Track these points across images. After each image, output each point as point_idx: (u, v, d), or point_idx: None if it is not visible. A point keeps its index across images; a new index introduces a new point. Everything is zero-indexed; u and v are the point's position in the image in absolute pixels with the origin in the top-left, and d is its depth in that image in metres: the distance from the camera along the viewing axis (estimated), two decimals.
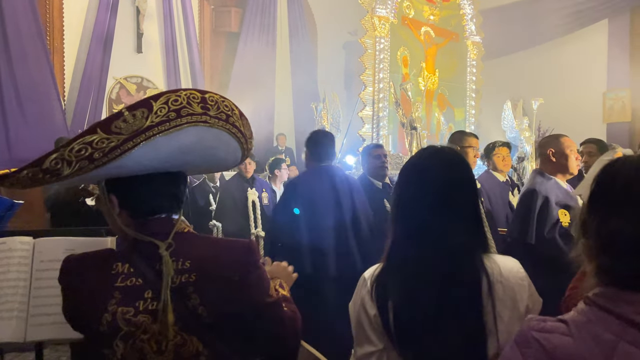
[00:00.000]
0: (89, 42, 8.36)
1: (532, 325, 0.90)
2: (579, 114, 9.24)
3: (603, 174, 0.90)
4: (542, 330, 0.88)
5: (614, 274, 0.85)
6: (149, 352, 1.18)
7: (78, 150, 1.09)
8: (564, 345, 0.84)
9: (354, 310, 1.40)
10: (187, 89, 1.17)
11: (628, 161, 0.89)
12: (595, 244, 0.88)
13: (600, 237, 0.87)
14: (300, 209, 3.31)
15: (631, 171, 0.87)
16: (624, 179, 0.86)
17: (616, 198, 0.86)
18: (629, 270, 0.83)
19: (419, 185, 1.36)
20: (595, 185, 0.90)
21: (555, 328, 0.87)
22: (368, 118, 6.94)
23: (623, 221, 0.83)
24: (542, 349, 0.86)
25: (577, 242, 0.93)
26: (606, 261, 0.86)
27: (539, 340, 0.87)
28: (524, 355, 0.88)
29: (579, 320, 0.86)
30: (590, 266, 0.90)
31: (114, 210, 1.26)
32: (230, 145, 1.27)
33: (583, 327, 0.85)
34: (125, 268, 1.22)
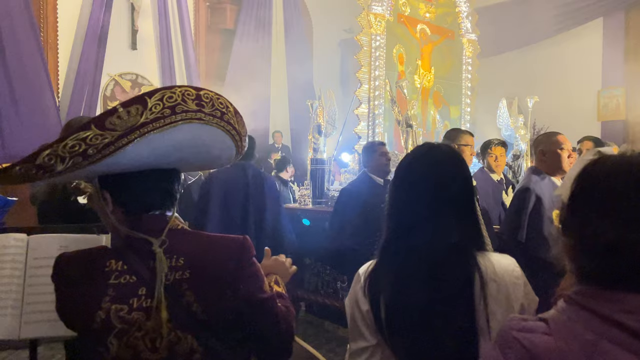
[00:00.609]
0: (83, 38, 8.31)
1: (512, 325, 0.90)
2: (573, 112, 9.27)
3: (583, 174, 0.90)
4: (522, 330, 0.88)
5: (595, 273, 0.85)
6: (143, 349, 1.18)
7: (72, 146, 1.08)
8: (544, 344, 0.84)
9: (349, 306, 1.40)
10: (182, 86, 1.17)
11: (609, 161, 0.89)
12: (576, 244, 0.88)
13: (580, 237, 0.87)
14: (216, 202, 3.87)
15: (611, 172, 0.86)
16: (604, 180, 0.86)
17: (596, 199, 0.86)
18: (609, 271, 0.83)
19: (415, 182, 1.36)
20: (575, 185, 0.90)
21: (536, 327, 0.87)
22: (364, 115, 6.93)
23: (603, 222, 0.83)
24: (523, 349, 0.86)
25: (558, 241, 0.93)
26: (587, 262, 0.86)
27: (519, 340, 0.87)
28: (505, 355, 0.88)
29: (560, 319, 0.87)
30: (571, 265, 0.90)
31: (107, 207, 1.25)
32: (224, 142, 1.27)
33: (564, 326, 0.85)
34: (118, 265, 1.22)
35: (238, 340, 1.29)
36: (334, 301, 4.89)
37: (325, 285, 5.05)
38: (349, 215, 3.78)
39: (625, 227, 0.81)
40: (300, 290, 5.27)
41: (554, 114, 8.52)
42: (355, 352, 1.37)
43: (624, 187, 0.84)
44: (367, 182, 3.96)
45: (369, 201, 3.73)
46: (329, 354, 4.20)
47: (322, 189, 5.47)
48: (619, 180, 0.84)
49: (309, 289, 5.22)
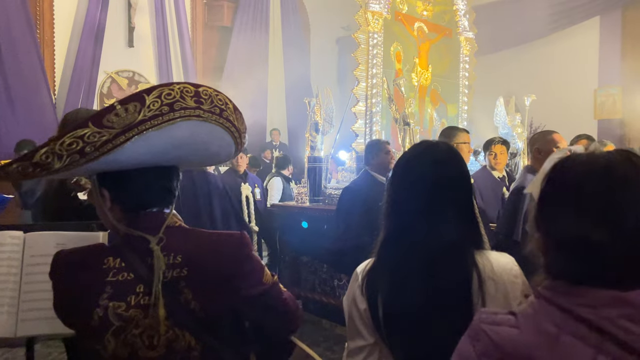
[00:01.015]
0: (80, 35, 8.29)
1: (482, 319, 0.93)
2: (570, 111, 9.29)
3: (552, 172, 0.92)
4: (491, 323, 0.91)
5: (562, 269, 0.88)
6: (141, 347, 1.18)
7: (69, 144, 1.08)
8: (510, 336, 0.87)
9: (347, 305, 1.40)
10: (180, 83, 1.16)
11: (576, 160, 0.90)
12: (546, 241, 0.90)
13: (549, 234, 0.90)
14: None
15: (579, 170, 0.88)
16: (572, 178, 0.88)
17: (565, 197, 0.88)
18: (574, 267, 0.85)
19: (413, 180, 1.36)
20: (545, 183, 0.92)
21: (504, 321, 0.90)
22: (361, 113, 6.93)
23: (571, 220, 0.85)
24: (490, 341, 0.89)
25: (531, 237, 0.95)
26: (555, 257, 0.89)
27: (487, 333, 0.90)
28: (474, 347, 0.91)
29: (527, 312, 0.89)
30: (543, 261, 0.92)
31: (105, 205, 1.25)
32: (223, 139, 1.26)
33: (529, 319, 0.88)
34: (116, 263, 1.21)
35: (237, 338, 1.29)
36: (331, 299, 4.90)
37: (322, 283, 5.06)
38: (353, 215, 3.77)
39: (588, 225, 0.83)
40: (297, 288, 5.27)
41: (551, 112, 8.53)
42: (353, 351, 1.37)
43: (589, 185, 0.86)
44: (369, 180, 3.96)
45: (373, 200, 3.72)
46: (326, 352, 4.20)
47: (319, 187, 5.47)
48: (585, 178, 0.87)
49: (306, 287, 5.22)
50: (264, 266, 1.33)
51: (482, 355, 0.89)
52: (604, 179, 0.85)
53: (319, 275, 5.08)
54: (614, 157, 0.88)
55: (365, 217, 3.64)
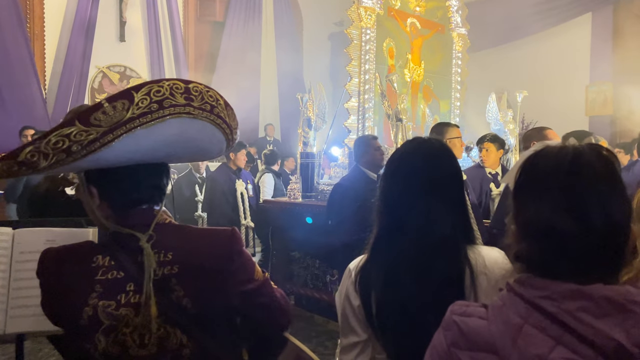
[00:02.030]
0: (71, 29, 8.22)
1: (454, 310, 0.97)
2: (562, 107, 9.32)
3: (525, 164, 0.94)
4: (462, 314, 0.94)
5: (528, 259, 0.90)
6: (132, 345, 1.17)
7: (55, 142, 1.06)
8: (478, 327, 0.90)
9: (339, 301, 1.40)
10: (170, 79, 1.15)
11: (548, 151, 0.93)
12: (517, 231, 0.93)
13: (518, 224, 0.92)
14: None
15: (548, 162, 0.90)
16: (541, 170, 0.91)
17: (534, 187, 0.91)
18: (541, 256, 0.88)
19: (405, 176, 1.36)
20: (518, 174, 0.95)
21: (474, 312, 0.94)
22: (354, 109, 6.92)
23: (538, 210, 0.88)
24: (459, 331, 0.92)
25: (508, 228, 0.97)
26: (523, 247, 0.91)
27: (457, 323, 0.93)
28: (445, 337, 0.95)
29: (497, 304, 0.92)
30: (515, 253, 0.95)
31: (93, 202, 1.23)
32: (214, 136, 1.25)
33: (498, 311, 0.90)
34: (105, 261, 1.20)
35: (229, 335, 1.29)
36: (323, 295, 4.90)
37: (314, 278, 5.06)
38: (345, 211, 3.77)
39: (554, 216, 0.86)
40: (290, 283, 5.27)
41: (543, 109, 8.58)
42: (347, 347, 1.37)
43: (556, 177, 0.88)
44: (360, 176, 3.95)
45: (364, 196, 3.73)
46: (318, 347, 4.21)
47: (311, 183, 5.46)
48: (552, 170, 0.89)
49: (298, 282, 5.22)
50: (255, 263, 1.32)
51: (451, 345, 0.92)
52: (571, 171, 0.87)
53: (311, 271, 5.09)
54: (583, 150, 0.90)
55: (356, 213, 3.65)
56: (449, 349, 0.93)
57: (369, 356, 1.36)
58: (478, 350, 0.89)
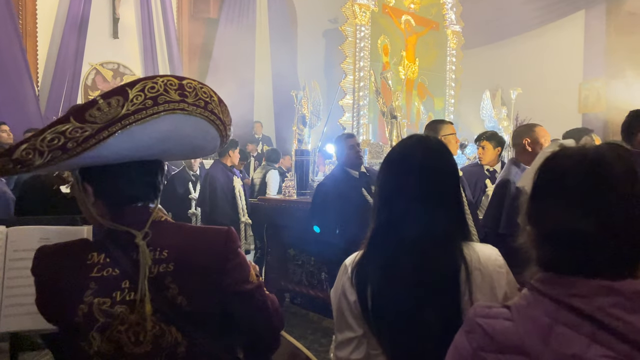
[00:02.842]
0: (63, 26, 8.17)
1: (477, 312, 0.95)
2: (555, 104, 9.37)
3: (544, 166, 0.94)
4: (486, 316, 0.93)
5: (553, 260, 0.89)
6: (127, 343, 1.16)
7: (50, 139, 1.06)
8: (504, 329, 0.89)
9: (335, 297, 1.41)
10: (164, 76, 1.15)
11: (568, 153, 0.92)
12: (537, 234, 0.92)
13: (541, 227, 0.91)
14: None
15: (568, 163, 0.90)
16: (562, 172, 0.90)
17: (556, 189, 0.90)
18: (565, 258, 0.87)
19: (403, 173, 1.36)
20: (536, 176, 0.94)
21: (498, 314, 0.92)
22: (348, 107, 6.93)
23: (560, 212, 0.87)
24: (484, 334, 0.90)
25: (523, 230, 0.97)
26: (546, 249, 0.90)
27: (482, 326, 0.91)
28: (469, 340, 0.92)
29: (520, 305, 0.91)
30: (534, 253, 0.94)
31: (88, 200, 1.23)
32: (208, 132, 1.25)
33: (523, 312, 0.89)
34: (101, 258, 1.19)
35: (224, 332, 1.29)
36: (318, 292, 4.91)
37: (309, 276, 5.06)
38: (327, 210, 3.79)
39: (577, 216, 0.85)
40: (285, 281, 5.27)
41: (537, 106, 8.61)
42: (342, 343, 1.38)
43: (577, 177, 0.87)
44: (341, 175, 3.95)
45: (347, 194, 3.74)
46: (313, 344, 4.22)
47: (306, 180, 5.47)
48: (573, 171, 0.88)
49: (293, 280, 5.22)
50: (249, 266, 1.32)
51: (478, 349, 0.90)
52: (592, 171, 0.87)
53: (306, 268, 5.09)
54: (602, 150, 0.89)
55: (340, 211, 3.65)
56: (475, 353, 0.91)
57: (364, 352, 1.36)
58: (507, 353, 0.87)
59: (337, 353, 1.39)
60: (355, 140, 4.06)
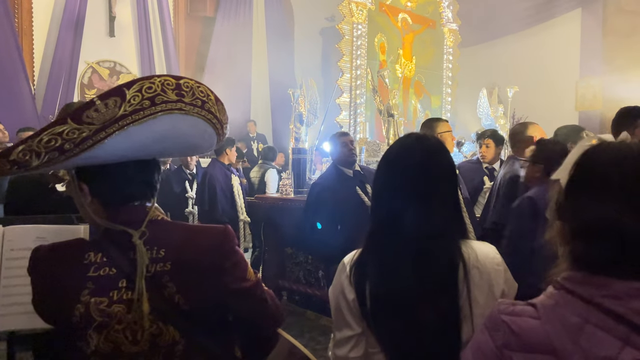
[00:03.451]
0: (59, 24, 8.14)
1: (501, 309, 0.92)
2: (552, 102, 9.38)
3: (583, 159, 0.90)
4: (511, 314, 0.90)
5: (586, 258, 0.86)
6: (124, 342, 1.16)
7: (47, 141, 1.06)
8: (531, 327, 0.86)
9: (333, 295, 1.41)
10: (161, 76, 1.15)
11: (609, 147, 0.89)
12: (571, 228, 0.89)
13: (576, 221, 0.88)
14: None
15: (611, 158, 0.87)
16: (603, 165, 0.87)
17: (595, 183, 0.87)
18: (602, 255, 0.84)
19: (402, 171, 1.36)
20: (574, 169, 0.90)
21: (524, 311, 0.89)
22: (345, 105, 6.93)
23: (601, 206, 0.84)
24: (510, 332, 0.87)
25: (552, 224, 0.94)
26: (580, 246, 0.87)
27: (507, 323, 0.88)
28: (493, 338, 0.89)
29: (548, 303, 0.88)
30: (564, 250, 0.91)
31: (85, 199, 1.22)
32: (206, 131, 1.25)
33: (551, 310, 0.86)
34: (97, 257, 1.19)
35: (221, 331, 1.29)
36: (316, 290, 4.91)
37: (306, 274, 5.06)
38: (322, 209, 3.78)
39: (619, 210, 0.82)
40: (282, 279, 5.27)
41: (533, 104, 8.61)
42: (341, 341, 1.38)
43: (623, 173, 0.84)
44: (335, 174, 3.94)
45: (341, 193, 3.74)
46: (310, 342, 4.22)
47: (303, 179, 5.46)
48: (619, 166, 0.85)
49: (291, 278, 5.22)
50: (247, 263, 1.32)
51: (503, 347, 0.88)
52: (636, 166, 0.84)
53: (304, 266, 5.09)
54: None
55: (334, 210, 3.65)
56: (500, 351, 0.88)
57: (362, 350, 1.36)
58: (534, 352, 0.84)
59: (335, 351, 1.39)
60: (348, 139, 4.02)
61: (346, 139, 4.00)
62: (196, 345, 1.22)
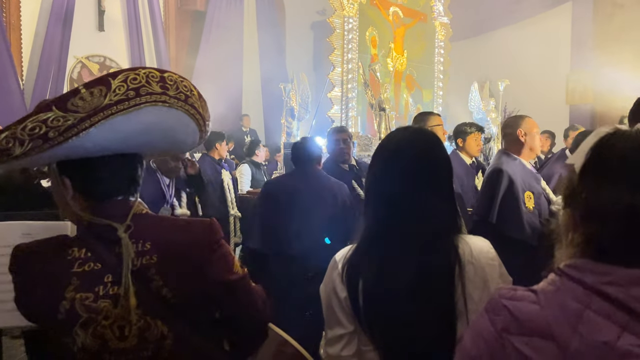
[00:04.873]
0: (48, 18, 8.03)
1: (502, 294, 0.92)
2: (543, 96, 9.41)
3: (600, 143, 0.90)
4: (512, 298, 0.90)
5: (595, 243, 0.86)
6: (111, 338, 1.14)
7: (31, 128, 1.03)
8: (531, 312, 0.87)
9: (325, 293, 1.39)
10: (146, 68, 1.14)
11: (626, 134, 0.90)
12: (584, 213, 0.89)
13: (588, 205, 0.88)
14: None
15: (629, 143, 0.87)
16: (622, 148, 0.87)
17: (611, 167, 0.87)
18: (612, 239, 0.84)
19: (402, 166, 1.34)
20: (591, 154, 0.91)
21: (525, 297, 0.90)
22: (337, 99, 6.91)
23: (615, 190, 0.84)
24: (510, 316, 0.88)
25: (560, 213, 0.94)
26: (590, 229, 0.87)
27: (508, 308, 0.89)
28: (492, 321, 0.90)
29: (548, 289, 0.88)
30: (570, 237, 0.91)
31: (67, 194, 1.20)
32: (189, 126, 1.24)
33: (551, 296, 0.87)
34: (82, 253, 1.17)
35: (210, 324, 1.27)
36: None
37: None
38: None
39: (635, 197, 0.82)
40: None
41: (524, 98, 8.64)
42: (333, 340, 1.37)
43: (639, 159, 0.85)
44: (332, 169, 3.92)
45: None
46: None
47: None
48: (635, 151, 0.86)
49: None
50: (234, 257, 1.31)
51: (503, 331, 0.88)
52: None
53: None
54: None
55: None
56: (499, 335, 0.88)
57: (355, 348, 1.35)
58: (532, 336, 0.85)
59: (327, 350, 1.38)
60: (341, 135, 3.97)
61: (339, 136, 3.95)
62: (185, 339, 1.21)
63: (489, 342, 0.89)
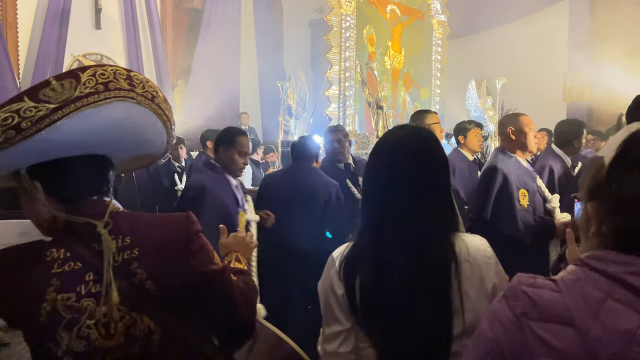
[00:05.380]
0: (44, 16, 8.01)
1: (522, 281, 0.93)
2: (540, 94, 9.42)
3: (632, 137, 0.92)
4: (532, 286, 0.91)
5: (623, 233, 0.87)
6: (97, 338, 1.12)
7: (4, 118, 1.03)
8: (551, 299, 0.88)
9: (322, 290, 1.39)
10: (112, 65, 1.16)
11: None
12: (612, 205, 0.90)
13: (617, 196, 0.89)
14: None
15: None
16: None
17: None
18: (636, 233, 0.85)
19: (397, 163, 1.34)
20: (623, 147, 0.92)
21: (545, 284, 0.91)
22: (334, 97, 6.91)
23: None
24: (530, 301, 0.89)
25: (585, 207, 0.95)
26: (618, 220, 0.88)
27: (528, 294, 0.90)
28: (511, 307, 0.90)
29: (569, 279, 0.89)
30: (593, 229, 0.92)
31: (39, 198, 1.18)
32: (156, 126, 1.25)
33: (572, 285, 0.88)
34: (60, 253, 1.15)
35: (196, 316, 1.27)
36: None
37: None
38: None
39: None
40: None
41: (522, 96, 8.65)
42: (330, 336, 1.37)
43: None
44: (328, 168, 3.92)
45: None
46: None
47: None
48: None
49: None
50: (213, 249, 1.30)
51: (522, 316, 0.89)
52: None
53: None
54: None
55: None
56: (518, 319, 0.89)
57: (352, 345, 1.36)
58: (552, 322, 0.86)
59: (325, 347, 1.38)
60: (335, 136, 3.93)
61: (333, 136, 3.92)
62: (172, 333, 1.20)
63: (507, 327, 0.90)
